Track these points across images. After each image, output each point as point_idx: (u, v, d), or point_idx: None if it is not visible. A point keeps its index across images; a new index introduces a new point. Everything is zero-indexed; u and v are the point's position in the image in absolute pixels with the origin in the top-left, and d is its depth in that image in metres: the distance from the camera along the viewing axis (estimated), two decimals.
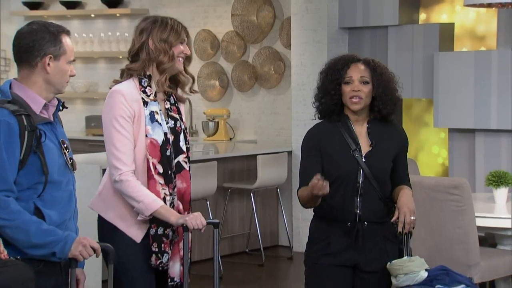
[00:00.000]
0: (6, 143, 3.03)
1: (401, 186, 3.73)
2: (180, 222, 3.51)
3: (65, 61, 3.21)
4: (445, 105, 7.32)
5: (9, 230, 3.01)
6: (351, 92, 3.64)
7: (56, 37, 3.19)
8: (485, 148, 7.24)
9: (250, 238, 8.11)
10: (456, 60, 7.33)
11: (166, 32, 3.64)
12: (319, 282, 3.70)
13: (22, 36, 3.21)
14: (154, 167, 3.57)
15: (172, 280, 3.62)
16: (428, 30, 7.65)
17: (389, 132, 3.75)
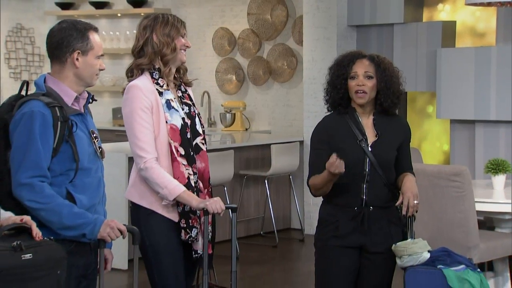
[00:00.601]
0: (41, 133, 3.05)
1: (405, 173, 3.73)
2: (200, 206, 3.52)
3: (93, 56, 3.22)
4: (447, 97, 7.31)
5: (44, 212, 3.03)
6: (356, 86, 3.64)
7: (84, 34, 3.20)
8: (485, 138, 7.22)
9: (264, 222, 8.12)
10: (457, 55, 7.31)
11: (168, 27, 3.64)
12: (328, 262, 3.70)
13: (53, 34, 3.22)
14: (176, 150, 3.59)
15: (196, 253, 3.64)
16: (431, 28, 7.63)
17: (394, 123, 3.75)
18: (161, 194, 3.53)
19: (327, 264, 3.70)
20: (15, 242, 2.71)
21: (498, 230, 5.94)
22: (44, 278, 2.76)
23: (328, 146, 3.62)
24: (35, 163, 3.03)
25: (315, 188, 3.66)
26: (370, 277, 3.71)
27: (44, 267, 2.77)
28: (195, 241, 3.63)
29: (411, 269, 3.58)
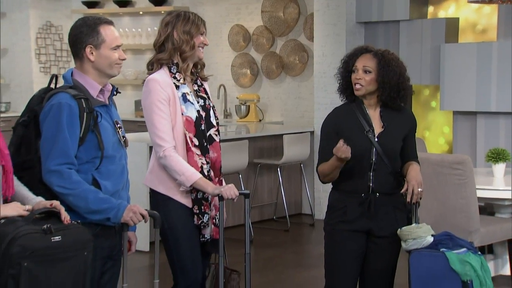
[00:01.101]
0: (68, 123, 3.06)
1: (410, 161, 3.72)
2: (216, 192, 3.53)
3: (106, 48, 3.20)
4: (450, 90, 7.29)
5: (71, 198, 3.05)
6: (354, 79, 3.64)
7: (93, 29, 3.19)
8: (485, 128, 7.20)
9: (277, 207, 8.13)
10: (460, 50, 7.29)
11: (188, 25, 3.63)
12: (337, 245, 3.69)
13: (70, 32, 3.25)
14: (191, 140, 3.59)
15: (203, 237, 3.65)
16: (436, 24, 7.60)
17: (400, 115, 3.73)
18: (179, 181, 3.54)
19: (335, 247, 3.70)
20: (45, 225, 2.72)
21: (498, 215, 5.94)
22: (72, 259, 2.78)
23: (336, 136, 3.60)
24: (63, 152, 3.05)
25: (323, 174, 3.67)
26: (376, 260, 3.71)
27: (72, 248, 2.78)
28: (206, 227, 3.64)
29: (415, 252, 3.58)
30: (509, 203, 5.86)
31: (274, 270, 6.23)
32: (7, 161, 2.79)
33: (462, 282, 3.51)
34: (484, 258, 3.63)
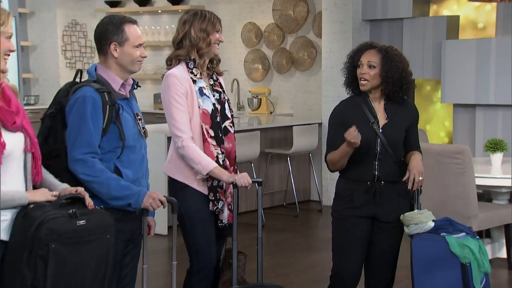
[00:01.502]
0: (92, 115, 3.07)
1: (412, 151, 3.72)
2: (230, 180, 3.54)
3: (129, 46, 3.20)
4: (451, 84, 7.28)
5: (95, 185, 3.07)
6: (360, 74, 3.63)
7: (119, 27, 3.19)
8: (484, 120, 7.19)
9: (286, 194, 8.14)
10: (460, 46, 7.26)
11: (205, 23, 3.62)
12: (344, 230, 3.70)
13: (96, 29, 3.25)
14: (207, 131, 3.60)
15: (221, 222, 3.66)
16: (437, 22, 7.58)
17: (403, 108, 3.71)
18: (196, 169, 3.55)
19: (343, 232, 3.70)
20: (71, 210, 2.74)
21: (495, 202, 5.94)
22: (95, 241, 2.79)
23: (343, 127, 3.60)
24: (87, 142, 3.06)
25: (332, 162, 3.66)
26: (380, 243, 3.71)
27: (96, 232, 2.79)
28: (221, 212, 3.64)
29: (417, 236, 3.59)
30: (506, 190, 5.86)
31: (284, 253, 6.24)
32: (36, 149, 2.81)
33: (461, 265, 3.52)
34: (482, 242, 3.63)
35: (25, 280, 2.64)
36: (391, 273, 3.79)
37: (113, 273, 3.08)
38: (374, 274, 3.78)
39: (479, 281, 3.54)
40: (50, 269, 2.66)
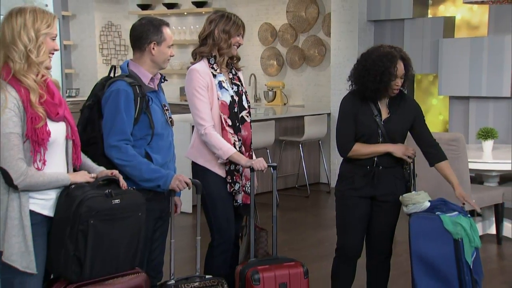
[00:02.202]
0: (125, 106, 3.09)
1: (444, 167, 3.71)
2: (248, 164, 3.55)
3: (165, 46, 3.24)
4: (447, 78, 7.25)
5: (128, 168, 3.09)
6: (394, 85, 3.54)
7: (158, 29, 3.22)
8: (477, 111, 7.17)
9: (298, 177, 8.15)
10: (456, 44, 7.22)
11: (229, 25, 3.61)
12: (346, 209, 3.69)
13: (135, 29, 3.26)
14: (225, 121, 3.59)
15: (236, 202, 3.67)
16: (435, 22, 7.54)
17: (404, 104, 3.67)
18: (217, 154, 3.56)
19: (345, 210, 3.70)
20: (107, 190, 2.76)
21: (486, 184, 5.93)
22: (129, 218, 2.82)
23: (353, 116, 3.60)
24: (121, 130, 3.09)
25: (358, 153, 3.60)
26: (379, 220, 3.72)
27: (129, 210, 2.81)
28: (238, 193, 3.66)
29: (414, 215, 3.58)
30: (496, 174, 5.85)
31: (296, 230, 6.27)
32: (76, 136, 2.83)
33: (454, 240, 3.51)
34: (473, 220, 3.63)
35: (68, 251, 2.68)
36: (389, 246, 3.79)
37: (145, 246, 3.12)
38: (374, 247, 3.79)
39: (470, 254, 3.53)
40: (90, 242, 2.69)
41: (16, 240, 2.60)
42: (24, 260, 2.62)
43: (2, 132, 2.56)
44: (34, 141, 2.62)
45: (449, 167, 3.73)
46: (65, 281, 2.74)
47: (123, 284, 2.79)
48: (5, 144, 2.57)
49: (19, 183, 2.59)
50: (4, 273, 2.66)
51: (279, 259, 3.53)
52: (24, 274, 2.64)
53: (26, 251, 2.62)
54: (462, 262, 3.51)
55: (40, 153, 2.64)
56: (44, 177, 2.65)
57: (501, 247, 5.69)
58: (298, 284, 3.41)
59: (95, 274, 2.74)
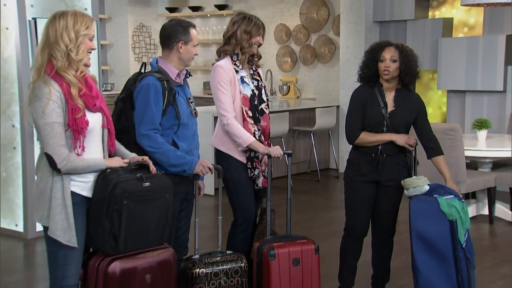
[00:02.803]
0: (154, 99, 3.10)
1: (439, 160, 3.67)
2: (265, 151, 3.54)
3: (192, 45, 3.24)
4: (445, 74, 7.20)
5: (157, 155, 3.11)
6: (383, 67, 3.55)
7: (186, 29, 3.22)
8: (472, 103, 7.12)
9: (310, 163, 8.14)
10: (453, 43, 7.17)
11: (250, 26, 3.59)
12: (353, 192, 3.68)
13: (165, 29, 3.26)
14: (246, 112, 3.58)
15: (256, 185, 3.67)
16: (435, 23, 7.48)
17: (410, 99, 3.64)
18: (238, 142, 3.55)
19: (352, 194, 3.70)
20: (139, 174, 2.78)
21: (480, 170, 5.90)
22: (158, 200, 2.83)
23: (362, 107, 3.58)
24: (151, 120, 3.10)
25: (364, 141, 3.59)
26: (383, 203, 3.72)
27: (158, 192, 2.82)
28: (257, 178, 3.66)
29: (415, 198, 3.57)
30: (489, 160, 5.82)
31: (308, 211, 6.27)
32: (111, 125, 2.84)
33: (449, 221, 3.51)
34: (466, 203, 3.61)
35: (105, 228, 2.70)
36: (392, 226, 3.79)
37: (172, 224, 3.14)
38: (379, 227, 3.79)
39: (463, 234, 3.53)
40: (123, 220, 2.71)
41: (60, 217, 2.64)
42: (66, 235, 2.65)
43: (47, 121, 2.59)
44: (74, 130, 2.65)
45: (444, 161, 3.70)
46: (102, 254, 2.77)
47: (153, 258, 2.82)
48: (49, 132, 2.60)
49: (62, 167, 2.62)
50: (50, 246, 2.71)
51: (292, 237, 3.54)
52: (67, 247, 2.68)
53: (68, 227, 2.65)
54: (456, 240, 3.51)
55: (79, 140, 2.67)
56: (83, 162, 2.68)
57: (493, 226, 5.67)
58: (309, 259, 3.42)
59: (128, 249, 2.77)
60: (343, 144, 8.11)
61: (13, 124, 5.31)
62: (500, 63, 6.80)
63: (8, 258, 4.88)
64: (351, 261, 3.79)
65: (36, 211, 2.70)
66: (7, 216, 5.46)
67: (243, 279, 3.24)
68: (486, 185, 5.64)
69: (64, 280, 2.70)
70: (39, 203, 2.69)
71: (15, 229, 5.40)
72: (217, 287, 3.15)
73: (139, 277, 2.77)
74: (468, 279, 3.53)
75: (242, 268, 3.23)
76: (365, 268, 3.99)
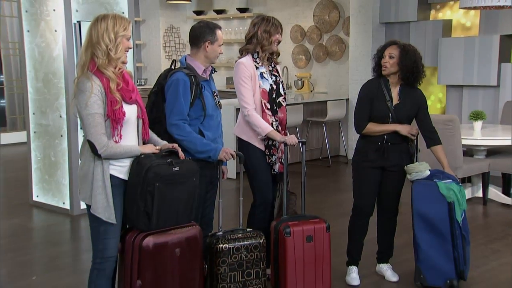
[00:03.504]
0: (183, 92, 3.10)
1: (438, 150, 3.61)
2: (282, 140, 3.52)
3: (217, 45, 3.23)
4: (445, 70, 7.12)
5: (185, 142, 3.11)
6: (382, 62, 3.54)
7: (212, 30, 3.21)
8: (469, 97, 7.04)
9: (322, 150, 8.11)
10: (452, 42, 7.07)
11: (269, 26, 3.56)
12: (360, 177, 3.66)
13: (194, 29, 3.25)
14: (265, 105, 3.57)
15: (273, 171, 3.66)
16: (435, 24, 7.38)
17: (413, 94, 3.59)
18: (257, 131, 3.54)
19: (359, 178, 3.67)
20: (169, 159, 2.78)
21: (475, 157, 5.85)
22: (186, 182, 2.83)
23: (370, 100, 3.54)
24: (180, 111, 3.10)
25: (371, 130, 3.55)
26: (388, 186, 3.70)
27: (186, 175, 2.83)
28: (274, 164, 3.64)
29: (416, 182, 3.55)
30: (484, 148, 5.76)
31: (320, 193, 6.26)
32: (145, 116, 2.85)
33: (447, 203, 3.49)
34: (463, 187, 3.58)
35: (139, 207, 2.72)
36: (396, 206, 3.77)
37: (199, 205, 3.16)
38: (384, 207, 3.77)
39: (460, 215, 3.50)
40: (156, 201, 2.72)
41: (100, 197, 2.66)
42: (106, 212, 2.67)
43: (89, 112, 2.61)
44: (113, 120, 2.66)
45: (442, 150, 3.65)
46: (137, 230, 2.79)
47: (182, 234, 2.83)
48: (91, 122, 2.62)
49: (102, 153, 2.64)
50: (92, 222, 2.74)
51: (306, 216, 3.53)
52: (107, 224, 2.70)
53: (108, 206, 2.67)
54: (454, 220, 3.49)
55: (117, 129, 2.68)
56: (121, 148, 2.69)
57: (486, 207, 5.62)
58: (321, 236, 3.42)
59: (160, 225, 2.78)
60: (352, 134, 8.06)
61: (60, 115, 5.38)
62: (494, 60, 6.70)
63: (56, 232, 4.96)
64: (359, 238, 3.77)
65: (80, 192, 2.73)
66: (56, 195, 5.55)
67: (262, 254, 3.24)
68: (481, 171, 5.59)
69: (105, 252, 2.73)
70: (82, 184, 2.71)
71: (63, 206, 5.49)
72: (238, 260, 3.16)
73: (169, 251, 2.78)
74: (464, 254, 3.53)
75: (261, 244, 3.23)
76: (371, 245, 3.98)
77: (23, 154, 7.77)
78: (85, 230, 4.85)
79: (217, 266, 3.12)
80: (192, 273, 2.87)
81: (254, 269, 3.18)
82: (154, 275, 2.74)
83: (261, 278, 3.21)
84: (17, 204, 5.78)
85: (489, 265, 4.09)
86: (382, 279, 3.82)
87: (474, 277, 3.85)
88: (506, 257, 4.26)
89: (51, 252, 4.40)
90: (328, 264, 3.44)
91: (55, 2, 5.27)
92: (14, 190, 6.39)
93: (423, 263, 3.58)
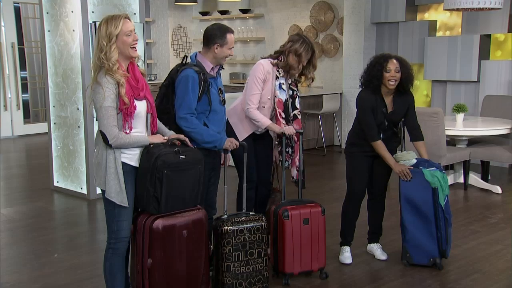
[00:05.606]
0: (192, 88, 3.08)
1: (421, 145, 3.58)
2: (280, 131, 3.50)
3: (226, 48, 3.18)
4: (430, 66, 7.07)
5: (193, 134, 3.09)
6: (390, 77, 3.45)
7: (223, 34, 3.17)
8: (452, 91, 7.02)
9: (317, 140, 8.09)
10: (437, 41, 7.02)
11: (301, 50, 3.48)
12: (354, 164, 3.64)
13: (207, 31, 3.22)
14: (280, 114, 3.54)
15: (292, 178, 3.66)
16: (422, 24, 7.32)
17: (404, 99, 3.56)
18: (257, 125, 3.54)
19: (352, 165, 3.66)
20: (176, 149, 2.78)
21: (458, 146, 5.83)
22: (192, 170, 2.83)
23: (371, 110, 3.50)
24: (188, 105, 3.08)
25: (377, 148, 3.51)
26: (378, 172, 3.69)
27: (191, 163, 2.81)
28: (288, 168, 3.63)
29: None
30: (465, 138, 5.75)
31: (316, 180, 6.24)
32: (154, 110, 2.83)
33: (431, 188, 3.48)
34: (445, 174, 3.56)
35: (149, 193, 2.71)
36: (384, 190, 3.77)
37: (203, 189, 3.14)
38: (374, 191, 3.77)
39: (443, 199, 3.50)
40: (164, 186, 2.72)
41: (113, 183, 2.66)
42: (119, 196, 2.67)
43: (103, 105, 2.60)
44: (124, 113, 2.65)
45: (423, 145, 3.63)
46: (148, 213, 2.79)
47: (189, 217, 2.83)
48: (104, 114, 2.61)
49: (112, 143, 2.63)
50: (107, 206, 2.74)
51: (303, 201, 3.53)
52: (120, 207, 2.70)
53: (121, 190, 2.67)
54: (437, 204, 3.49)
55: (128, 122, 2.67)
56: (130, 139, 2.68)
57: (467, 192, 5.61)
58: (317, 219, 3.41)
59: (168, 209, 2.78)
60: (345, 125, 8.04)
61: (78, 107, 5.38)
62: (475, 58, 6.67)
63: (75, 214, 4.98)
64: (351, 220, 3.77)
65: (95, 178, 2.72)
66: (74, 181, 5.57)
67: (263, 235, 3.23)
68: (462, 158, 5.58)
69: (119, 233, 2.73)
70: (97, 171, 2.71)
71: (80, 191, 5.50)
72: (242, 241, 3.15)
73: (177, 232, 2.78)
74: (446, 235, 3.54)
75: (263, 226, 3.22)
76: (362, 227, 3.98)
77: (44, 143, 7.79)
78: (101, 212, 4.88)
79: (223, 247, 3.11)
80: (198, 252, 2.87)
81: (256, 249, 3.17)
82: (163, 254, 2.75)
83: (262, 257, 3.21)
84: (40, 189, 5.82)
85: (468, 244, 4.10)
86: (372, 258, 3.83)
87: (455, 255, 3.86)
88: (484, 237, 4.27)
89: (70, 233, 4.42)
90: (323, 245, 3.43)
91: (73, 4, 5.28)
92: (37, 176, 6.42)
93: (409, 243, 3.60)
